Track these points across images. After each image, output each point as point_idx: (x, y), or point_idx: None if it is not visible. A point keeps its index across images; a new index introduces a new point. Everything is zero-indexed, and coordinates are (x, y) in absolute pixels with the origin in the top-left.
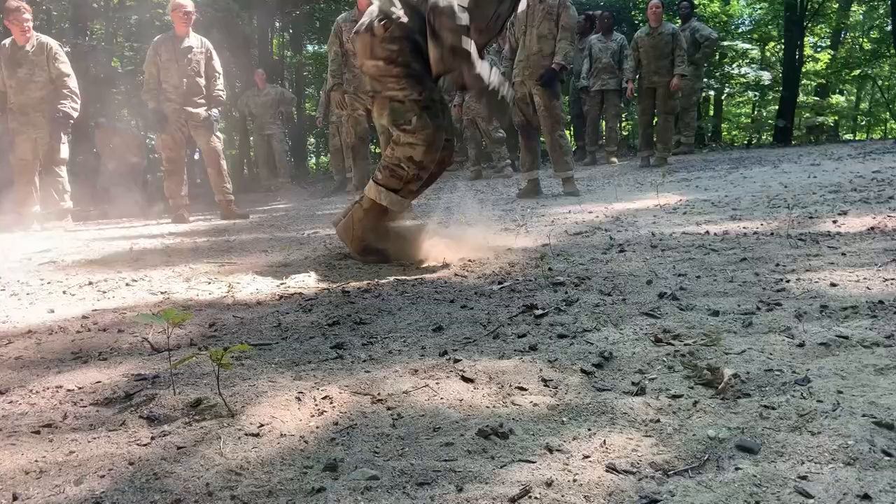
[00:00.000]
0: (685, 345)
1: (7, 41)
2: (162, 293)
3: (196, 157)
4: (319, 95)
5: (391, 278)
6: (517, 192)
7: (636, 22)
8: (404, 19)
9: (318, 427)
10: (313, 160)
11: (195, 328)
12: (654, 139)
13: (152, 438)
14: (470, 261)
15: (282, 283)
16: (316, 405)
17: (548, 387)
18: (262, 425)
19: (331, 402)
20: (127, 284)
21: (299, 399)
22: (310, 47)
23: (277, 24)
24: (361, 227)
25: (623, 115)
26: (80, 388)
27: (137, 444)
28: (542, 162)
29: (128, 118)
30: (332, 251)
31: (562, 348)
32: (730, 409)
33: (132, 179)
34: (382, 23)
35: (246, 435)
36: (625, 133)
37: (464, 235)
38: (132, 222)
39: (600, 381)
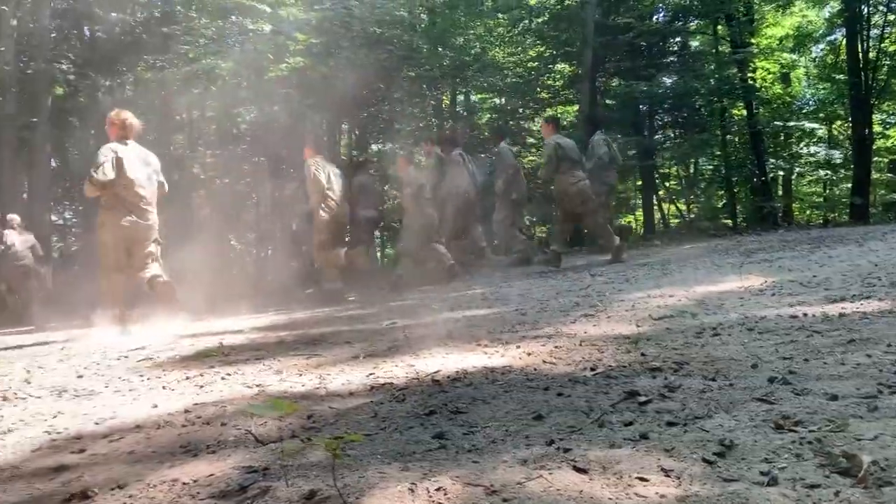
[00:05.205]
0: (810, 431)
1: None
2: (257, 386)
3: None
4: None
5: (479, 366)
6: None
7: None
8: None
9: None
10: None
11: (294, 420)
12: None
13: None
14: (556, 347)
15: (370, 374)
16: (430, 497)
17: (669, 477)
18: None
19: (445, 494)
20: (222, 378)
21: (412, 490)
22: (374, 146)
23: (345, 126)
24: None
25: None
26: (194, 481)
27: None
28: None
29: None
30: (412, 340)
31: (675, 436)
32: (875, 497)
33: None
34: None
35: None
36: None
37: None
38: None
39: (725, 470)
